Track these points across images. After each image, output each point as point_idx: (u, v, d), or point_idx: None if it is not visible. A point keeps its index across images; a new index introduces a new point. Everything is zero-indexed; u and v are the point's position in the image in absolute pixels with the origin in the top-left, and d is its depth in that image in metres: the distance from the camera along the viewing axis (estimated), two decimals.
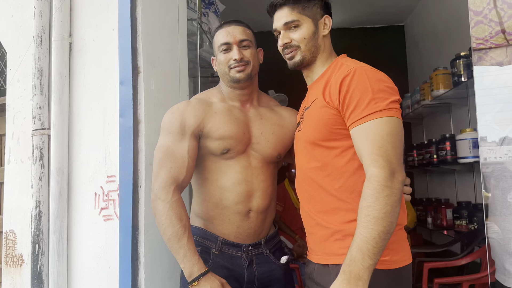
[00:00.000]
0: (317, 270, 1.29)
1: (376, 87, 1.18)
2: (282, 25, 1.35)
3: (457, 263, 2.49)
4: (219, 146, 1.43)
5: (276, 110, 1.59)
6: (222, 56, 1.47)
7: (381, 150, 1.13)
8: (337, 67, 1.31)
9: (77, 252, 1.71)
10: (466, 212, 3.02)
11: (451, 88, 3.02)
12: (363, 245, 1.07)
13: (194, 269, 1.30)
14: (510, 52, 1.44)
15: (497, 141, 1.44)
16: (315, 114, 1.28)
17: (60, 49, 1.74)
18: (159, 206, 1.33)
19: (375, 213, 1.08)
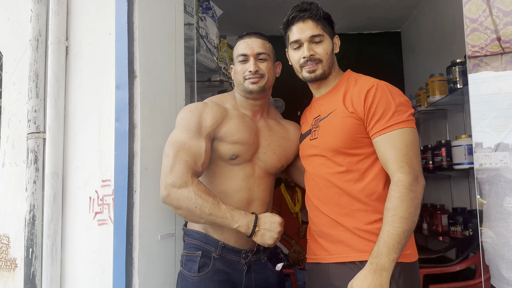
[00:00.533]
0: (332, 269, 1.36)
1: (397, 100, 1.32)
2: (308, 37, 1.42)
3: (452, 269, 2.49)
4: (230, 151, 1.46)
5: (282, 123, 1.65)
6: (239, 66, 1.51)
7: (406, 158, 1.27)
8: (351, 81, 1.43)
9: (71, 256, 1.70)
10: (461, 218, 3.03)
11: (446, 94, 3.03)
12: (389, 241, 1.21)
13: (247, 218, 1.35)
14: (505, 59, 1.46)
15: (492, 147, 1.45)
16: (338, 123, 1.37)
17: (56, 52, 1.74)
18: (183, 193, 1.33)
19: (401, 213, 1.22)
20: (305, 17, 1.43)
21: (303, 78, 1.47)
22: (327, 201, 1.40)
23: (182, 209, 1.34)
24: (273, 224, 1.36)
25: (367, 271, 1.23)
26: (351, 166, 1.37)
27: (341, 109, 1.38)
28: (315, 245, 1.46)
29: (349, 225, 1.35)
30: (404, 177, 1.25)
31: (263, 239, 1.35)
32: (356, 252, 1.34)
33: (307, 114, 1.58)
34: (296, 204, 3.55)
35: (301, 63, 1.43)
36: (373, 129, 1.33)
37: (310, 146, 1.47)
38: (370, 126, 1.34)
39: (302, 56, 1.42)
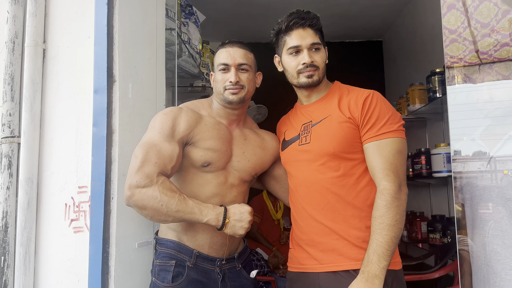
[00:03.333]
0: (323, 278, 1.36)
1: (390, 110, 1.39)
2: (308, 44, 1.44)
3: (431, 277, 2.51)
4: (202, 158, 1.44)
5: (258, 132, 1.64)
6: (219, 75, 1.50)
7: (392, 166, 1.32)
8: (344, 90, 1.49)
9: (45, 265, 1.65)
10: (440, 225, 3.06)
11: (426, 103, 3.08)
12: (378, 249, 1.24)
13: (216, 211, 1.33)
14: (483, 70, 1.48)
15: (470, 155, 1.47)
16: (334, 128, 1.40)
17: (33, 55, 1.70)
18: (147, 192, 1.29)
19: (388, 221, 1.26)
20: (305, 24, 1.45)
21: (298, 83, 1.48)
22: (321, 208, 1.40)
23: (148, 209, 1.30)
24: (243, 214, 1.35)
25: (359, 280, 1.24)
26: (347, 170, 1.39)
27: (338, 115, 1.42)
28: (301, 254, 1.45)
29: (343, 233, 1.36)
30: (389, 185, 1.29)
31: (233, 230, 1.34)
32: (349, 261, 1.34)
33: (291, 120, 1.58)
34: (278, 211, 3.54)
35: (299, 69, 1.45)
36: (365, 135, 1.38)
37: (300, 151, 1.47)
38: (363, 132, 1.38)
39: (301, 62, 1.44)
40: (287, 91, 1.66)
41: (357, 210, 1.38)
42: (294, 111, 1.61)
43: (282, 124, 1.64)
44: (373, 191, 1.38)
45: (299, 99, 1.58)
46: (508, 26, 1.43)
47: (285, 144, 1.56)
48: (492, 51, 1.45)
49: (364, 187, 1.39)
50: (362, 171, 1.40)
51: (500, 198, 1.32)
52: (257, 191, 3.65)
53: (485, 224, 1.36)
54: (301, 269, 1.44)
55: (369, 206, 1.37)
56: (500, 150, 1.38)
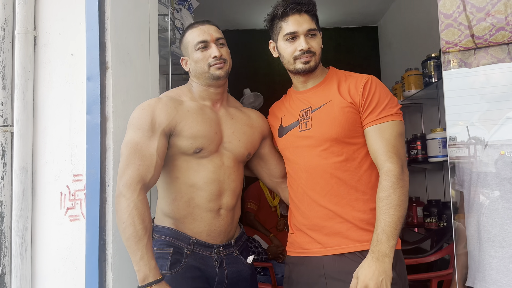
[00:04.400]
0: (327, 261, 1.38)
1: (389, 94, 1.43)
2: (305, 30, 1.43)
3: (427, 260, 2.53)
4: (192, 145, 1.41)
5: (243, 111, 1.62)
6: (199, 54, 1.46)
7: (394, 148, 1.35)
8: (341, 75, 1.50)
9: (42, 254, 1.65)
10: (436, 210, 3.09)
11: (422, 88, 3.08)
12: (386, 228, 1.27)
13: (150, 274, 1.27)
14: (478, 55, 1.48)
15: (465, 141, 1.47)
16: (336, 113, 1.41)
17: (24, 42, 1.67)
18: (122, 204, 1.29)
19: (394, 201, 1.29)
20: (301, 10, 1.44)
21: (295, 69, 1.47)
22: (325, 192, 1.41)
23: (117, 216, 1.31)
24: None
25: (370, 259, 1.27)
26: (349, 155, 1.41)
27: (339, 100, 1.43)
28: (303, 238, 1.46)
29: (348, 216, 1.39)
30: (393, 167, 1.32)
31: None
32: (355, 243, 1.37)
33: (287, 106, 1.57)
34: (274, 197, 3.55)
35: (296, 55, 1.44)
36: (366, 119, 1.40)
37: (301, 137, 1.46)
38: (364, 116, 1.40)
39: (298, 48, 1.43)
40: (282, 78, 1.64)
41: (360, 193, 1.40)
42: (289, 96, 1.59)
43: (276, 109, 1.63)
44: (373, 174, 1.42)
45: (294, 85, 1.57)
46: (504, 9, 1.42)
47: (283, 130, 1.55)
48: (488, 36, 1.45)
49: (366, 171, 1.42)
50: (364, 155, 1.42)
51: (496, 178, 1.33)
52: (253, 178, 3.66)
53: (480, 205, 1.37)
54: (304, 253, 1.45)
55: (371, 188, 1.40)
56: (497, 132, 1.38)
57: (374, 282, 1.23)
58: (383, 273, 1.24)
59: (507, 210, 1.30)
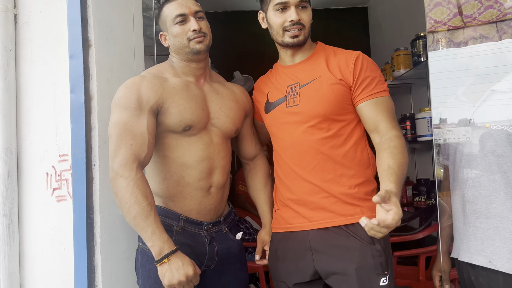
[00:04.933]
0: (313, 235, 1.40)
1: (378, 70, 1.44)
2: (296, 1, 1.41)
3: (415, 237, 2.56)
4: (181, 123, 1.39)
5: (227, 86, 1.60)
6: (178, 28, 1.42)
7: (394, 120, 1.41)
8: (329, 51, 1.48)
9: (29, 235, 1.64)
10: (425, 188, 3.12)
11: (411, 68, 3.07)
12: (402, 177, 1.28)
13: (165, 246, 1.25)
14: (467, 34, 1.47)
15: (453, 122, 1.48)
16: (325, 90, 1.40)
17: (4, 21, 1.63)
18: (121, 184, 1.25)
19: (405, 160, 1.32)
20: None
21: (283, 42, 1.45)
22: (311, 168, 1.42)
23: (117, 198, 1.28)
24: (180, 270, 1.24)
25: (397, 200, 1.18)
26: (336, 131, 1.41)
27: (328, 76, 1.42)
28: (289, 213, 1.47)
29: (333, 191, 1.39)
30: (398, 133, 1.37)
31: (162, 273, 1.26)
32: (340, 217, 1.38)
33: (273, 81, 1.55)
34: None
35: (285, 26, 1.42)
36: (360, 94, 1.40)
37: (288, 113, 1.46)
38: (358, 92, 1.40)
39: (288, 19, 1.41)
40: (273, 61, 1.62)
41: (345, 169, 1.41)
42: (276, 71, 1.57)
43: (262, 85, 1.61)
44: (358, 150, 1.43)
45: (282, 58, 1.55)
46: None
47: (270, 106, 1.53)
48: (476, 14, 1.44)
49: (352, 147, 1.42)
50: (350, 131, 1.43)
51: (480, 151, 1.34)
52: None
53: (466, 178, 1.38)
54: (289, 229, 1.46)
55: (357, 164, 1.42)
56: (482, 105, 1.39)
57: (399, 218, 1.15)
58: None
59: (492, 182, 1.31)
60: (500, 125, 1.32)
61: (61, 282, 1.59)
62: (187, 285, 1.25)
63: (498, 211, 1.29)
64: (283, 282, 1.47)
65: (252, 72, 3.92)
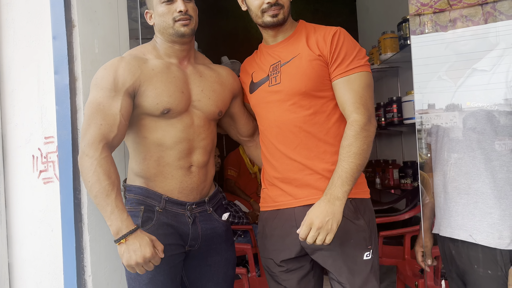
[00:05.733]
0: (298, 212, 1.41)
1: (357, 46, 1.42)
2: None
3: (401, 218, 2.62)
4: (158, 106, 1.38)
5: (213, 68, 1.58)
6: (163, 7, 1.40)
7: (362, 100, 1.36)
8: (310, 28, 1.48)
9: (17, 217, 1.65)
10: (411, 171, 3.17)
11: (398, 51, 3.09)
12: (343, 174, 1.30)
13: (122, 226, 1.24)
14: (453, 16, 1.49)
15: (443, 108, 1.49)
16: (305, 66, 1.40)
17: None
18: (85, 163, 1.26)
19: (355, 150, 1.31)
20: None
21: (263, 23, 1.45)
22: (294, 146, 1.43)
23: (82, 176, 1.29)
24: (137, 251, 1.23)
25: (321, 200, 1.29)
26: (318, 108, 1.42)
27: (307, 53, 1.42)
28: (275, 192, 1.48)
29: (317, 167, 1.41)
30: (359, 117, 1.34)
31: (121, 252, 1.25)
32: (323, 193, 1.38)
33: (258, 61, 1.55)
34: (254, 164, 3.58)
35: (263, 8, 1.41)
36: (334, 71, 1.40)
37: (271, 92, 1.46)
38: (332, 69, 1.40)
39: (266, 1, 1.40)
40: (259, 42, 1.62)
41: (328, 145, 1.42)
42: (260, 52, 1.58)
43: (247, 65, 1.61)
44: (342, 127, 1.42)
45: (264, 39, 1.55)
46: None
47: (254, 86, 1.54)
48: None
49: (334, 123, 1.43)
50: (332, 107, 1.43)
51: (462, 129, 1.37)
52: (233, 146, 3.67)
53: (447, 156, 1.41)
54: (276, 207, 1.48)
55: (339, 141, 1.41)
56: (464, 84, 1.41)
57: (320, 220, 1.25)
58: (331, 214, 1.26)
59: (472, 159, 1.34)
60: (480, 103, 1.34)
61: (49, 263, 1.60)
62: (145, 266, 1.25)
63: (478, 187, 1.33)
64: (270, 259, 1.49)
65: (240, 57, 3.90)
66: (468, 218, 1.34)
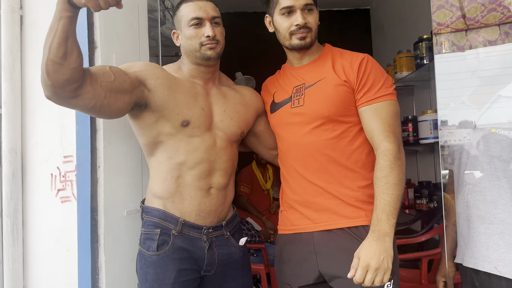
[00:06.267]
0: (317, 237, 1.39)
1: (384, 74, 1.42)
2: (302, 5, 1.41)
3: (417, 240, 2.57)
4: (178, 117, 1.39)
5: (236, 89, 1.59)
6: (192, 30, 1.41)
7: (391, 128, 1.35)
8: (336, 53, 1.48)
9: (33, 235, 1.64)
10: (427, 191, 3.12)
11: (414, 70, 3.08)
12: (386, 207, 1.28)
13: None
14: (470, 36, 1.47)
15: (456, 125, 1.48)
16: (330, 91, 1.40)
17: (10, 22, 1.64)
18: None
19: (392, 181, 1.29)
20: None
21: (290, 45, 1.45)
22: (314, 169, 1.41)
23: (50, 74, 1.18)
24: None
25: (371, 239, 1.27)
26: (340, 132, 1.41)
27: (333, 77, 1.42)
28: (294, 215, 1.46)
29: (337, 192, 1.39)
30: (390, 146, 1.32)
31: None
32: (344, 219, 1.37)
33: (281, 82, 1.56)
34: (267, 181, 3.56)
35: (292, 30, 1.42)
36: (361, 98, 1.39)
37: (293, 114, 1.46)
38: (359, 96, 1.39)
39: (294, 23, 1.41)
40: (275, 62, 1.62)
41: (349, 171, 1.40)
42: (283, 72, 1.58)
43: (270, 85, 1.61)
44: (364, 153, 1.42)
45: (289, 60, 1.55)
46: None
47: (275, 106, 1.54)
48: (479, 17, 1.44)
49: (356, 149, 1.41)
50: (355, 133, 1.42)
51: (486, 156, 1.34)
52: (246, 162, 3.66)
53: (470, 183, 1.38)
54: (294, 230, 1.46)
55: (361, 167, 1.41)
56: (488, 111, 1.39)
57: (376, 261, 1.23)
58: (384, 252, 1.24)
59: (497, 187, 1.31)
60: (506, 131, 1.32)
61: (64, 283, 1.59)
62: None
63: (503, 217, 1.29)
64: (288, 284, 1.47)
65: (254, 73, 3.92)
66: (493, 249, 1.31)
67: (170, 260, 1.37)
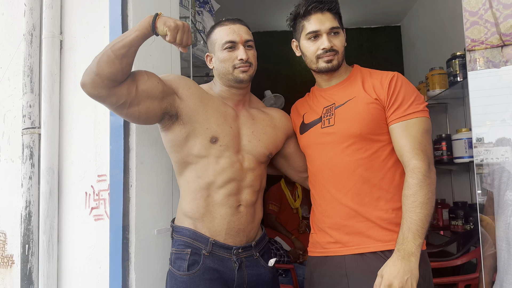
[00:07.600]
0: (349, 261, 1.37)
1: (415, 91, 1.41)
2: (328, 29, 1.43)
3: (453, 263, 2.47)
4: (207, 132, 1.42)
5: (266, 111, 1.61)
6: (225, 54, 1.44)
7: (421, 145, 1.33)
8: (365, 72, 1.49)
9: (67, 252, 1.69)
10: (462, 212, 3.01)
11: (447, 88, 3.01)
12: (412, 226, 1.25)
13: (147, 18, 1.29)
14: (506, 52, 1.44)
15: (493, 142, 1.43)
16: (361, 109, 1.40)
17: (50, 47, 1.72)
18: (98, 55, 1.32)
19: (421, 199, 1.26)
20: (324, 8, 1.44)
21: (317, 68, 1.47)
22: (347, 190, 1.40)
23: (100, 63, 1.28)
24: (171, 19, 1.30)
25: (396, 258, 1.24)
26: (373, 152, 1.39)
27: (363, 96, 1.42)
28: (324, 238, 1.45)
29: (369, 215, 1.37)
30: (420, 164, 1.30)
31: (163, 21, 1.28)
32: (376, 242, 1.35)
33: (310, 103, 1.57)
34: (296, 199, 3.53)
35: (318, 54, 1.44)
36: (392, 115, 1.38)
37: (323, 134, 1.46)
38: (389, 113, 1.39)
39: (321, 47, 1.43)
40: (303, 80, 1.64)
41: (383, 192, 1.38)
42: (313, 94, 1.59)
43: (299, 106, 1.62)
44: (397, 173, 1.39)
45: (318, 83, 1.56)
46: None
47: (305, 127, 1.54)
48: None
49: (390, 169, 1.39)
50: (388, 152, 1.40)
51: None
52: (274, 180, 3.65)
53: (510, 206, 1.32)
54: (325, 253, 1.44)
55: (395, 187, 1.38)
56: None
57: (399, 280, 1.20)
58: (408, 272, 1.21)
59: None
60: None
61: None
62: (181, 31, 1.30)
63: None
64: None
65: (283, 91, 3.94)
66: None
67: (201, 281, 1.38)
